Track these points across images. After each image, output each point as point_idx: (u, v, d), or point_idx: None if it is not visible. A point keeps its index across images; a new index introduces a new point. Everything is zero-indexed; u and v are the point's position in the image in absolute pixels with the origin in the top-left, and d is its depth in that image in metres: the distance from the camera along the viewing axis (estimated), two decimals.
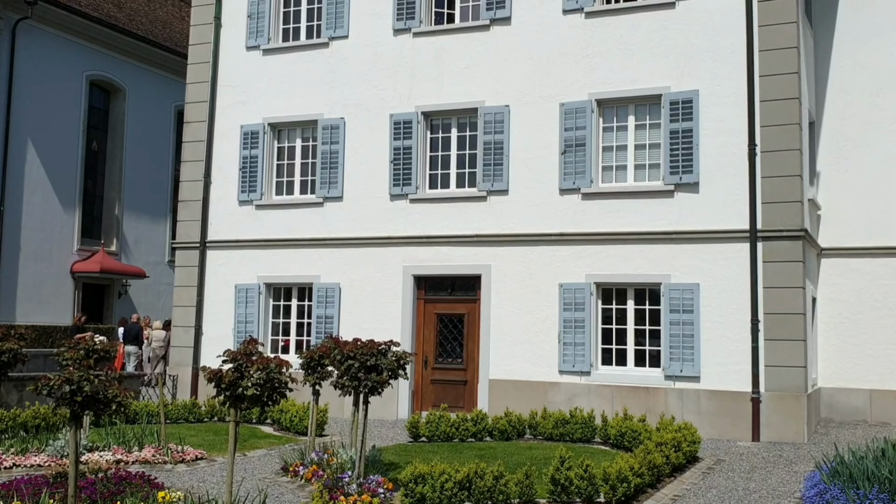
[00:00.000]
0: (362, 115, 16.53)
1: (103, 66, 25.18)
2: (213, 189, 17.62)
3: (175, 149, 26.40)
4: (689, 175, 14.15)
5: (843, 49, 15.85)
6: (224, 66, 17.80)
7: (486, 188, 15.47)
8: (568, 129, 14.97)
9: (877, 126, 15.56)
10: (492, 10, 15.67)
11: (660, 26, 14.56)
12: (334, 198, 16.58)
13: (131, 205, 26.32)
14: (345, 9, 16.82)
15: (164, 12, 28.51)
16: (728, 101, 14.05)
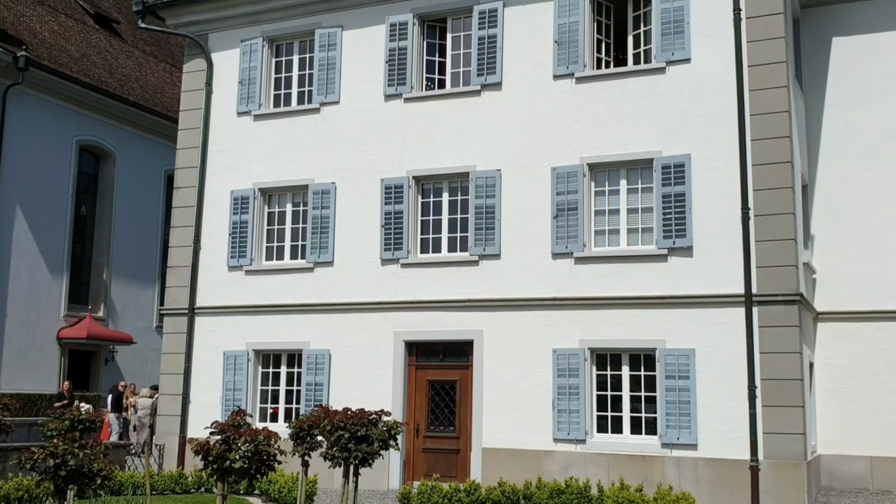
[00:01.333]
0: (353, 179, 16.46)
1: (93, 130, 25.22)
2: (203, 255, 17.44)
3: (164, 213, 26.29)
4: (682, 239, 14.04)
5: (835, 113, 15.93)
6: (214, 131, 17.79)
7: (477, 252, 15.33)
8: (560, 193, 14.91)
9: (870, 189, 15.54)
10: (482, 75, 15.74)
11: (650, 91, 14.61)
12: (325, 263, 16.41)
13: (119, 270, 26.09)
14: (336, 75, 16.88)
15: (156, 77, 28.69)
16: (720, 164, 14.02)
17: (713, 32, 14.30)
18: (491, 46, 15.70)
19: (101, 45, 26.99)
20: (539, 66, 15.37)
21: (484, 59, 15.74)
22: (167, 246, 18.53)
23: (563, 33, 15.20)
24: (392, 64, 16.38)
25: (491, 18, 15.74)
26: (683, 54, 14.43)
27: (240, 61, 17.72)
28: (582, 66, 15.05)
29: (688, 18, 14.44)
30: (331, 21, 17.04)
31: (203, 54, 18.05)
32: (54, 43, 24.59)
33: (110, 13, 28.92)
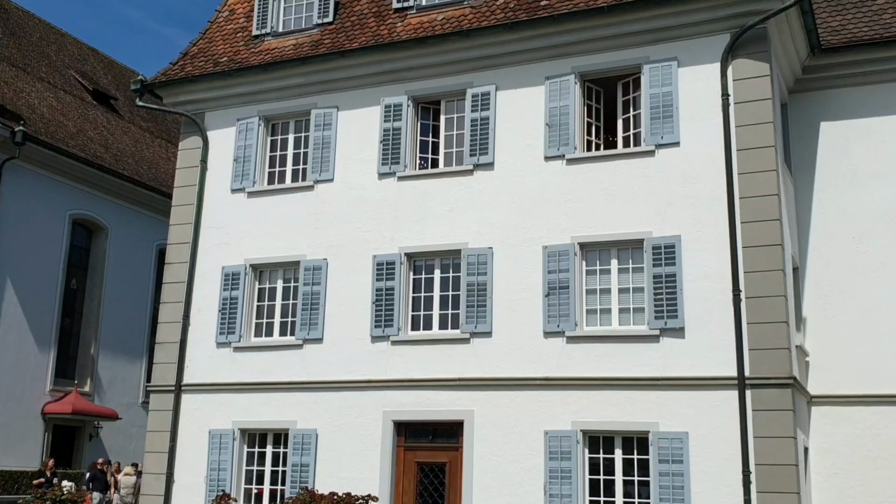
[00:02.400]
0: (345, 256, 16.45)
1: (87, 205, 25.29)
2: (192, 331, 17.29)
3: (155, 287, 26.19)
4: (674, 320, 13.98)
5: (824, 196, 16.05)
6: (208, 208, 17.84)
7: (469, 330, 15.23)
8: (551, 271, 14.89)
9: (861, 272, 15.55)
10: (475, 155, 15.88)
11: (640, 173, 14.73)
12: (314, 340, 16.27)
13: (107, 344, 25.84)
14: (331, 154, 17.02)
15: (151, 153, 28.93)
16: (711, 246, 14.05)
17: (702, 117, 14.50)
18: (483, 128, 15.89)
19: (98, 120, 27.28)
20: (531, 148, 15.53)
21: (477, 139, 15.91)
22: (156, 320, 18.38)
23: (553, 116, 15.40)
24: (386, 143, 16.55)
25: (484, 101, 15.97)
26: (672, 138, 14.60)
27: (235, 139, 17.88)
28: (573, 149, 15.20)
29: (676, 103, 14.65)
30: (327, 102, 17.27)
31: (199, 132, 18.22)
32: (52, 118, 24.84)
33: (108, 90, 29.32)
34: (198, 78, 18.16)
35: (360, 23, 17.52)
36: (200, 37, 19.47)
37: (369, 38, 16.94)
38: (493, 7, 16.23)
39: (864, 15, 16.46)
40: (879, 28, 16.00)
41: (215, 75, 18.03)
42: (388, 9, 17.41)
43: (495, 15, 16.00)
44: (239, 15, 19.35)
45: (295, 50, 17.68)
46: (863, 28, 16.16)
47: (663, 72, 14.83)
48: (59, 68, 27.72)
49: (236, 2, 19.67)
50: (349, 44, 17.05)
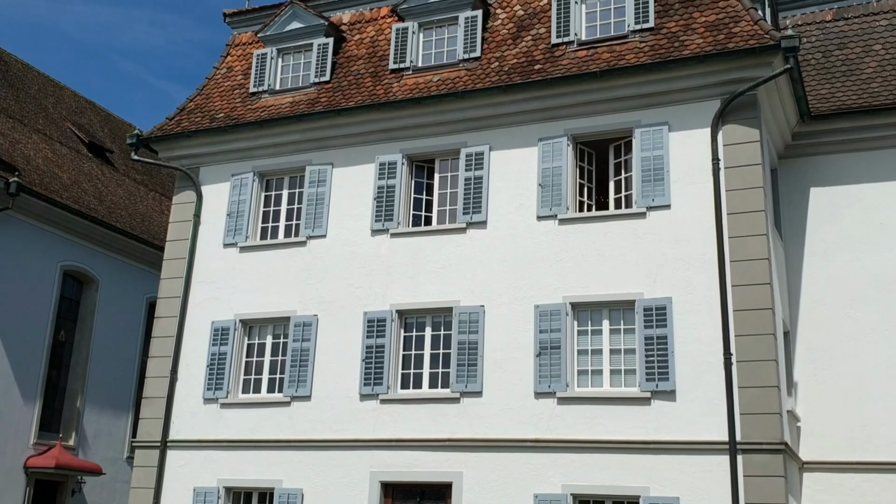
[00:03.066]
0: (336, 312, 16.39)
1: (79, 256, 25.21)
2: (179, 386, 17.11)
3: (144, 340, 25.96)
4: (665, 383, 13.91)
5: (815, 261, 16.12)
6: (199, 262, 17.82)
7: (459, 389, 15.12)
8: (543, 331, 14.86)
9: (852, 338, 15.54)
10: (468, 214, 15.96)
11: (631, 235, 14.80)
12: (302, 397, 16.12)
13: (94, 397, 25.51)
14: (324, 210, 17.08)
15: (145, 206, 28.97)
16: (702, 309, 14.06)
17: (692, 181, 14.63)
18: (477, 187, 16.00)
19: (93, 172, 27.37)
20: (523, 207, 15.62)
21: (470, 198, 16.01)
22: (144, 374, 18.20)
23: (546, 177, 15.54)
24: (380, 201, 16.63)
25: (477, 161, 16.11)
26: (663, 201, 14.71)
27: (229, 194, 17.95)
28: (565, 209, 15.30)
29: (667, 167, 14.81)
30: (322, 159, 17.40)
31: (193, 186, 18.29)
32: (47, 170, 24.91)
33: (104, 143, 29.48)
34: (194, 133, 18.30)
35: (357, 82, 17.75)
36: (198, 93, 19.67)
37: (366, 98, 17.15)
38: (488, 70, 16.48)
39: (852, 83, 16.76)
40: (867, 96, 16.28)
41: (211, 131, 18.18)
42: (385, 69, 17.66)
43: (490, 77, 16.24)
44: (237, 72, 19.59)
45: (291, 107, 17.86)
46: (851, 96, 16.44)
47: (654, 136, 15.02)
48: (56, 121, 27.90)
49: (234, 59, 19.93)
50: (345, 102, 17.25)
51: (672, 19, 15.66)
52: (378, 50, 18.14)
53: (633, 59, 15.20)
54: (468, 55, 16.91)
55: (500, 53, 16.71)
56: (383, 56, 17.93)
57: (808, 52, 17.62)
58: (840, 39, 17.72)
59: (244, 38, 20.10)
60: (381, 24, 18.52)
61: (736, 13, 15.13)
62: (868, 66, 16.97)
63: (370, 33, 18.55)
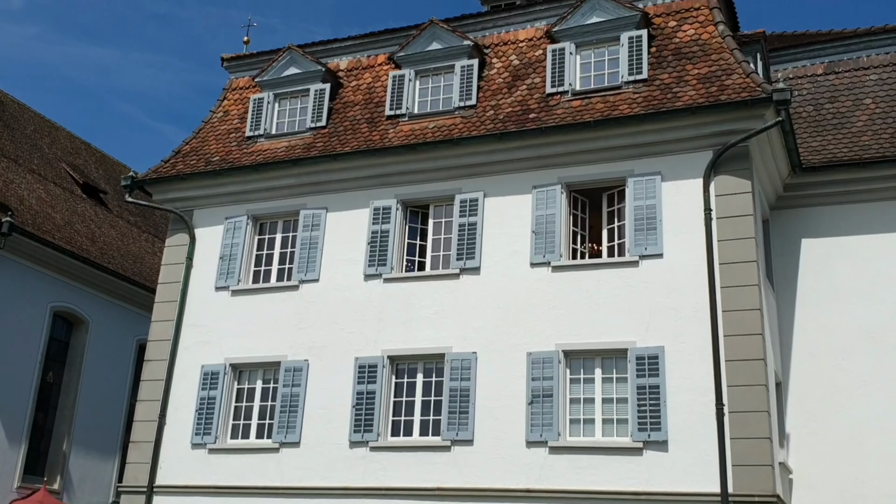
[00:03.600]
0: (327, 358, 16.30)
1: (70, 297, 25.08)
2: (167, 430, 16.92)
3: (133, 383, 25.72)
4: (657, 433, 13.83)
5: (807, 312, 16.14)
6: (191, 305, 17.74)
7: (450, 437, 14.99)
8: (535, 378, 14.79)
9: (844, 389, 15.50)
10: (462, 259, 15.98)
11: (624, 283, 14.83)
12: (291, 443, 15.95)
13: (81, 440, 25.18)
14: (318, 254, 17.08)
15: (138, 247, 28.92)
16: (694, 358, 14.04)
17: (685, 230, 14.71)
18: (471, 233, 16.04)
19: (86, 213, 27.36)
20: (517, 254, 15.65)
21: (464, 244, 16.04)
22: (131, 418, 18.00)
23: (540, 224, 15.60)
24: (374, 245, 16.65)
25: (472, 207, 16.18)
26: (656, 249, 14.77)
27: (223, 237, 17.94)
28: (558, 256, 15.34)
29: (660, 216, 14.89)
30: (316, 203, 17.45)
31: (187, 229, 18.29)
32: (40, 210, 24.90)
33: (99, 184, 29.52)
34: (189, 176, 18.35)
35: (353, 128, 17.88)
36: (194, 136, 19.77)
37: (361, 143, 17.26)
38: (484, 118, 16.64)
39: (843, 136, 16.95)
40: (858, 149, 16.46)
41: (206, 174, 18.23)
42: (381, 116, 17.81)
43: (485, 125, 16.38)
44: (233, 116, 19.72)
45: (287, 152, 17.96)
46: (842, 149, 16.62)
47: (647, 185, 15.13)
48: (51, 161, 27.97)
49: (231, 103, 20.08)
50: (341, 147, 17.35)
51: (665, 71, 15.87)
52: (374, 96, 18.31)
53: (627, 109, 15.37)
54: (464, 103, 17.09)
55: (496, 102, 16.88)
56: (380, 102, 18.10)
57: (800, 104, 17.86)
58: (831, 93, 17.98)
59: (241, 83, 20.27)
60: (378, 71, 18.72)
61: (728, 66, 15.36)
62: (858, 120, 17.19)
63: (367, 80, 18.74)
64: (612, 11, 16.40)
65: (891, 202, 16.15)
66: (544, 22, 17.64)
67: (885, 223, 16.09)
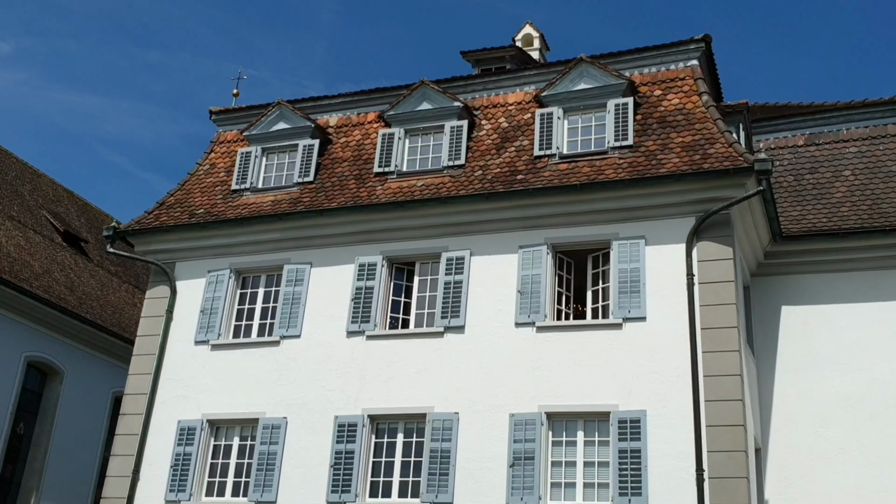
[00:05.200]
0: (306, 415, 16.13)
1: (45, 347, 24.71)
2: (140, 486, 16.56)
3: (107, 435, 25.23)
4: (638, 498, 13.75)
5: (786, 378, 16.26)
6: (169, 359, 17.53)
7: (430, 500, 14.80)
8: (517, 440, 14.70)
9: (822, 457, 15.55)
10: (446, 318, 15.98)
11: (607, 345, 14.88)
12: (267, 503, 15.66)
13: (49, 495, 24.55)
14: (300, 309, 17.01)
15: (117, 298, 28.65)
16: (675, 422, 14.04)
17: (668, 294, 14.84)
18: (456, 291, 16.08)
19: (66, 262, 27.14)
20: (501, 313, 15.69)
21: (449, 302, 16.06)
22: (104, 472, 17.62)
23: (525, 284, 15.68)
24: (358, 302, 16.62)
25: (458, 265, 16.25)
26: (639, 313, 14.87)
27: (204, 291, 17.83)
28: (543, 316, 15.39)
29: (643, 279, 15.03)
30: (300, 258, 17.44)
31: (168, 281, 18.18)
32: (18, 257, 24.68)
33: (80, 232, 29.35)
34: (172, 228, 18.30)
35: (341, 184, 17.99)
36: (179, 188, 19.77)
37: (349, 199, 17.35)
38: (472, 177, 16.82)
39: (822, 206, 17.28)
40: (837, 220, 16.77)
41: (190, 227, 18.18)
42: (370, 172, 17.95)
43: (473, 185, 16.56)
44: (219, 169, 19.78)
45: (273, 206, 17.99)
46: (822, 219, 16.93)
47: (632, 248, 15.30)
48: (32, 208, 27.82)
49: (218, 156, 20.16)
50: (328, 203, 17.42)
51: (650, 138, 16.18)
52: (363, 153, 18.47)
53: (613, 174, 15.62)
54: (453, 162, 17.28)
55: (484, 162, 17.09)
56: (368, 159, 18.25)
57: (781, 174, 18.22)
58: (811, 164, 18.37)
59: (229, 136, 20.38)
60: (368, 129, 18.92)
61: (711, 135, 15.68)
62: (838, 191, 17.55)
63: (356, 137, 18.92)
64: (600, 79, 16.77)
65: (868, 272, 16.42)
66: (533, 86, 17.99)
67: (863, 293, 16.33)
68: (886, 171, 17.62)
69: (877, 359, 15.87)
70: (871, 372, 15.83)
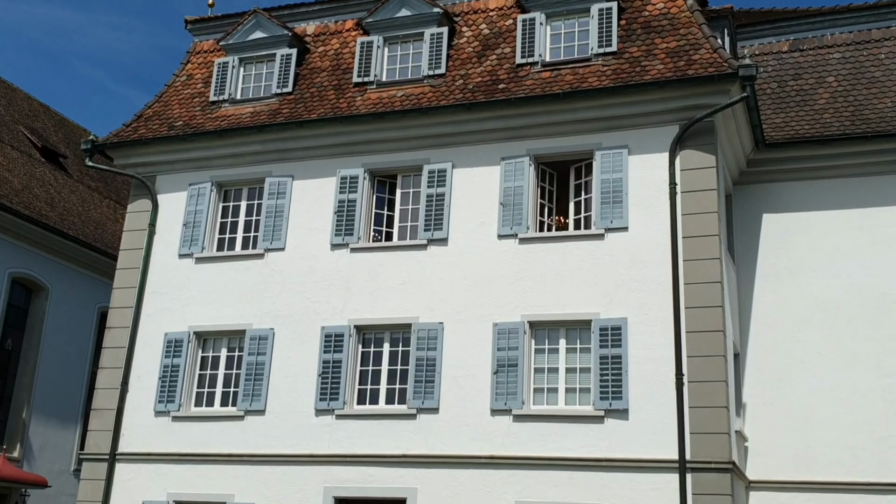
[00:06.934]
0: (293, 326, 16.29)
1: (29, 263, 24.69)
2: (130, 398, 16.83)
3: (94, 351, 25.47)
4: (618, 401, 14.09)
5: (766, 285, 16.48)
6: (153, 272, 17.57)
7: (416, 405, 15.12)
8: (501, 348, 14.95)
9: (799, 361, 15.91)
10: (429, 230, 16.01)
11: (590, 256, 14.99)
12: (256, 411, 15.97)
13: (41, 408, 24.93)
14: (283, 222, 16.99)
15: (99, 213, 28.50)
16: (656, 329, 14.28)
17: (650, 204, 14.89)
18: (439, 204, 16.07)
19: (45, 178, 26.87)
20: (484, 225, 15.73)
21: (431, 215, 16.06)
22: (93, 386, 17.86)
23: (508, 196, 15.67)
24: (340, 215, 16.60)
25: (440, 177, 16.19)
26: (621, 223, 14.94)
27: (186, 204, 17.76)
28: (525, 228, 15.44)
29: (626, 190, 15.05)
30: (282, 171, 17.32)
31: (149, 195, 18.07)
32: None
33: (58, 148, 28.97)
34: (151, 141, 18.09)
35: (320, 94, 17.74)
36: (156, 100, 19.46)
37: (328, 110, 17.14)
38: (453, 87, 16.60)
39: (805, 113, 17.22)
40: (820, 126, 16.74)
41: (169, 139, 17.99)
42: (349, 83, 17.68)
43: (454, 95, 16.36)
44: (197, 80, 19.44)
45: (252, 118, 17.77)
46: (804, 126, 16.89)
47: (614, 158, 15.26)
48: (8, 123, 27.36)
49: (195, 67, 19.78)
50: (308, 114, 17.21)
51: (634, 44, 15.95)
52: (342, 63, 18.15)
53: (596, 82, 15.45)
54: (433, 72, 17.02)
55: (465, 71, 16.85)
56: (347, 69, 17.96)
57: (765, 81, 18.08)
58: (795, 70, 18.22)
59: (206, 46, 19.95)
60: (346, 37, 18.55)
61: (696, 41, 15.48)
62: (821, 98, 17.46)
63: (334, 46, 18.57)
64: None
65: (850, 179, 16.49)
66: None
67: (843, 199, 16.43)
68: (869, 78, 17.52)
69: (855, 265, 16.08)
70: (850, 278, 16.06)
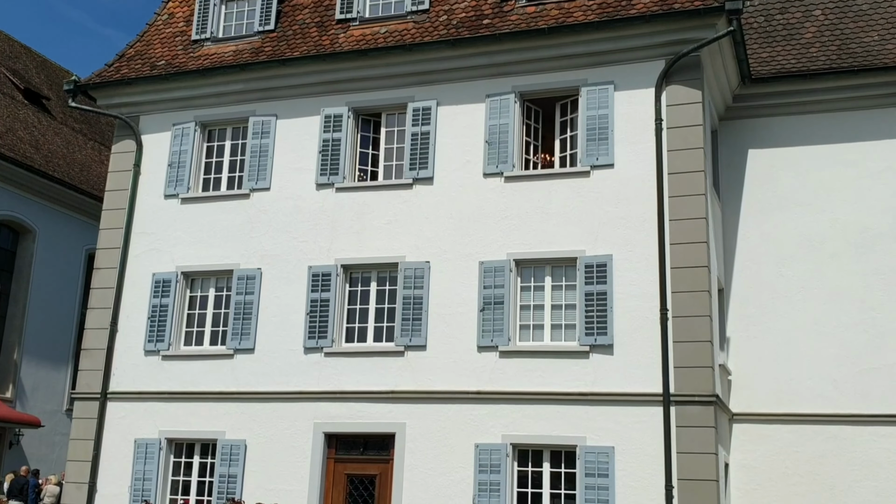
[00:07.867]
0: (280, 266, 16.35)
1: (15, 206, 24.61)
2: (119, 338, 16.95)
3: (83, 292, 25.57)
4: (603, 337, 14.26)
5: (750, 220, 16.55)
6: (140, 213, 17.55)
7: (404, 343, 15.28)
8: (487, 286, 15.05)
9: (783, 295, 16.07)
10: (415, 169, 15.98)
11: (575, 193, 15.01)
12: (245, 350, 16.12)
13: (32, 350, 25.12)
14: (268, 162, 16.92)
15: (83, 155, 28.30)
16: (641, 266, 14.38)
17: (635, 140, 14.85)
18: (424, 142, 16.01)
19: (28, 120, 26.62)
20: (470, 164, 15.69)
21: (417, 154, 16.01)
22: (83, 326, 17.97)
23: (493, 134, 15.61)
24: (325, 154, 16.53)
25: (425, 116, 16.10)
26: (607, 160, 14.93)
27: (170, 144, 17.65)
28: (511, 166, 15.42)
29: (612, 126, 14.99)
30: (265, 110, 17.18)
31: (133, 136, 17.94)
32: None
33: (41, 89, 28.64)
34: (133, 80, 17.89)
35: (302, 32, 17.51)
36: (138, 39, 19.19)
37: (311, 48, 16.93)
38: (437, 23, 16.40)
39: (792, 47, 17.09)
40: (806, 61, 16.64)
41: (152, 78, 17.80)
42: (331, 19, 17.44)
43: (438, 31, 16.17)
44: (178, 19, 19.15)
45: (235, 56, 17.56)
46: (791, 60, 16.78)
47: (600, 95, 15.17)
48: None
49: (176, 5, 19.46)
50: (290, 52, 17.02)
51: None
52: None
53: (581, 16, 15.28)
54: (416, 7, 16.78)
55: (449, 6, 16.61)
56: (329, 5, 17.69)
57: (751, 14, 17.89)
58: (782, 3, 18.02)
59: None
60: None
61: None
62: (808, 31, 17.32)
63: None
64: None
65: (836, 113, 16.45)
66: None
67: (828, 134, 16.42)
68: (857, 11, 17.35)
69: (839, 200, 16.15)
70: (834, 213, 16.14)
